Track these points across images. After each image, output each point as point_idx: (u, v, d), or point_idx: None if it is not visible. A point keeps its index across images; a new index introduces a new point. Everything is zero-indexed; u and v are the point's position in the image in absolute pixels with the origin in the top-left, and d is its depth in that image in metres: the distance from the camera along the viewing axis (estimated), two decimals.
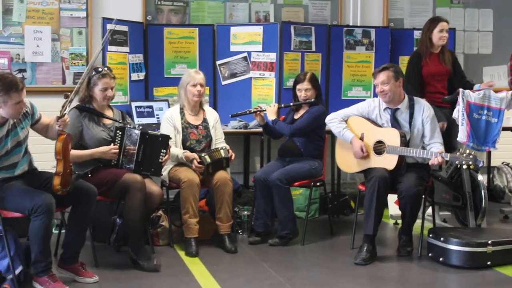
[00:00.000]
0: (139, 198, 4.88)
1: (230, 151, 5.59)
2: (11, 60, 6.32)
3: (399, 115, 5.33)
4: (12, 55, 6.32)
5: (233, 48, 6.86)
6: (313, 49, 6.93)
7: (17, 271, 4.43)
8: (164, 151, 5.12)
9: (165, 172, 5.42)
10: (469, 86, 5.94)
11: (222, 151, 5.52)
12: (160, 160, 5.12)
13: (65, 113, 4.40)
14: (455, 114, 5.45)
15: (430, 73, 6.15)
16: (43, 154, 5.13)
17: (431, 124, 5.29)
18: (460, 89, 5.43)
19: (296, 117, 5.84)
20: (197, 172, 5.42)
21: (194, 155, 5.47)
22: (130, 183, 4.88)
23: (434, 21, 6.26)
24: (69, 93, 4.49)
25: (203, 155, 5.46)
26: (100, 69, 5.09)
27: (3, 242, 4.46)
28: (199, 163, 5.42)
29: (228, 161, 5.57)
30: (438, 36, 6.15)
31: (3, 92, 4.23)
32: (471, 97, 5.39)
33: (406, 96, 5.39)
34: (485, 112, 5.42)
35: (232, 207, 5.59)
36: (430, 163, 5.09)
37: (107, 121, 5.15)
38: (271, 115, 5.79)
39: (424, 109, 5.32)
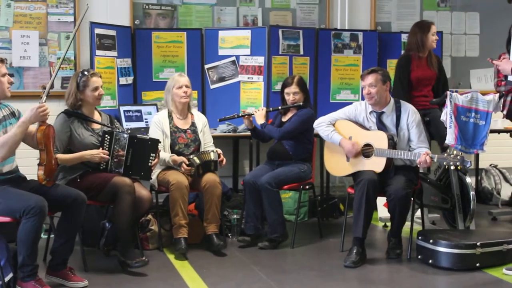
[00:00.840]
0: (129, 201, 4.87)
1: (222, 155, 5.59)
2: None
3: (384, 119, 5.36)
4: None
5: (221, 52, 6.87)
6: (301, 52, 6.94)
7: (7, 278, 4.38)
8: (154, 155, 5.12)
9: (153, 176, 5.41)
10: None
11: (212, 153, 5.53)
12: (149, 164, 5.11)
13: (44, 103, 4.36)
14: (443, 117, 5.46)
15: (418, 77, 6.18)
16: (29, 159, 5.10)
17: (417, 128, 5.31)
18: (448, 92, 5.44)
19: (284, 120, 5.85)
20: (186, 175, 5.42)
21: (182, 158, 5.47)
22: (120, 187, 4.87)
23: (426, 24, 6.28)
24: (45, 84, 4.49)
25: (191, 157, 5.46)
26: (85, 72, 5.08)
27: None
28: (188, 165, 5.42)
29: (217, 165, 5.58)
30: (431, 40, 6.20)
31: None
32: (458, 100, 5.41)
33: (392, 99, 5.41)
34: (473, 114, 5.43)
35: (221, 209, 5.59)
36: (418, 161, 5.10)
37: (95, 126, 5.14)
38: (259, 119, 5.80)
39: (409, 113, 5.34)
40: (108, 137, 5.02)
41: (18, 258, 4.31)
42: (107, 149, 5.00)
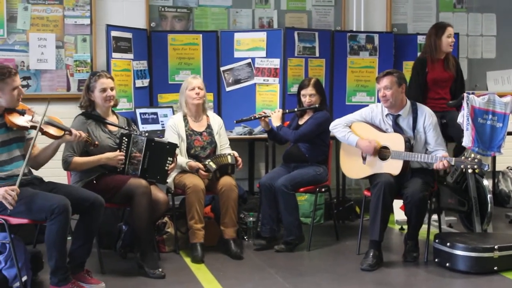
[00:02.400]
0: (145, 203, 4.88)
1: (238, 158, 5.60)
2: (16, 67, 6.33)
3: (401, 121, 5.33)
4: (16, 63, 6.34)
5: (237, 54, 6.87)
6: (317, 54, 6.94)
7: (23, 279, 4.40)
8: (171, 159, 5.12)
9: (170, 179, 5.42)
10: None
11: (229, 157, 5.53)
12: (166, 168, 5.11)
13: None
14: (459, 119, 5.44)
15: (434, 79, 6.14)
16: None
17: (434, 131, 5.29)
18: (465, 94, 5.41)
19: (300, 122, 5.84)
20: (203, 179, 5.43)
21: (198, 164, 5.47)
22: (135, 188, 4.88)
23: (442, 27, 6.23)
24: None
25: (207, 162, 5.46)
26: (96, 73, 5.13)
27: (10, 250, 4.43)
28: (205, 171, 5.42)
29: (234, 168, 5.58)
30: (447, 42, 6.13)
31: None
32: (475, 102, 5.38)
33: (409, 102, 5.38)
34: (490, 116, 5.40)
35: (237, 212, 5.59)
36: (434, 166, 5.08)
37: (112, 128, 5.15)
38: (275, 121, 5.79)
39: (426, 116, 5.31)
40: (126, 139, 5.03)
41: (49, 263, 4.31)
42: (124, 151, 5.01)
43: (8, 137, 4.42)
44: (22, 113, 4.44)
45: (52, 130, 4.50)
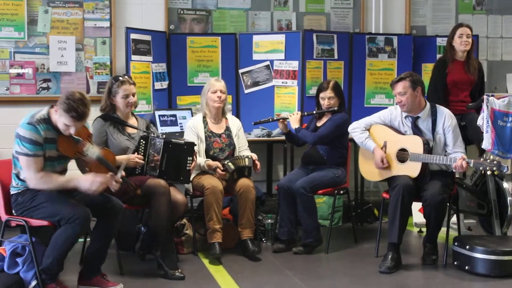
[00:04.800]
0: (165, 201, 4.90)
1: (257, 162, 5.60)
2: (36, 70, 6.39)
3: (420, 123, 5.31)
4: (37, 65, 6.39)
5: (255, 57, 6.89)
6: (336, 57, 6.93)
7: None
8: (190, 158, 5.14)
9: None
10: None
11: (246, 159, 5.54)
12: (187, 168, 5.13)
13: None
14: (479, 121, 5.41)
15: (453, 81, 6.11)
16: None
17: (453, 133, 5.26)
18: (485, 96, 5.39)
19: (318, 124, 5.84)
20: (220, 180, 5.44)
21: (217, 163, 5.49)
22: (154, 187, 4.91)
23: (455, 26, 6.24)
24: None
25: (226, 162, 5.48)
26: (119, 78, 5.14)
27: (29, 252, 4.46)
28: (223, 170, 5.44)
29: (251, 170, 5.58)
30: (459, 42, 6.11)
31: (69, 116, 4.20)
32: (495, 104, 5.36)
33: (428, 104, 5.36)
34: (510, 119, 5.38)
35: (255, 214, 5.59)
36: (454, 165, 5.06)
37: (131, 130, 5.18)
38: (294, 123, 5.79)
39: (445, 118, 5.29)
40: (143, 142, 5.06)
41: (45, 260, 4.31)
42: (142, 153, 5.04)
43: (57, 154, 4.39)
44: (76, 140, 4.41)
45: (96, 169, 4.47)
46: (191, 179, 5.36)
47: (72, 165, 4.63)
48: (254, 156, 5.65)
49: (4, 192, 4.52)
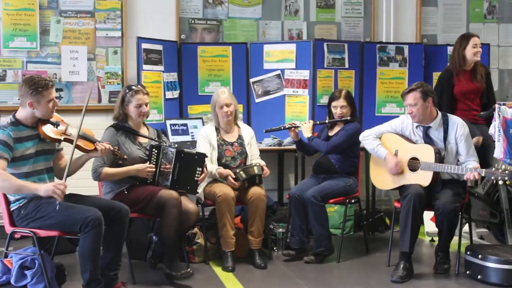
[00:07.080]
0: (175, 214, 4.90)
1: (265, 168, 5.61)
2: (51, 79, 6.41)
3: (431, 133, 5.31)
4: (49, 75, 6.41)
5: (266, 66, 6.89)
6: (346, 66, 6.93)
7: None
8: (200, 169, 5.14)
9: (200, 189, 5.44)
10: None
11: (255, 167, 5.54)
12: (196, 178, 5.14)
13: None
14: (491, 130, 5.39)
15: (461, 91, 6.07)
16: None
17: (465, 142, 5.25)
18: (496, 105, 5.37)
19: (330, 134, 5.84)
20: (231, 187, 5.45)
21: (228, 171, 5.50)
22: (166, 199, 4.91)
23: (466, 37, 6.17)
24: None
25: (237, 171, 5.48)
26: (133, 87, 5.15)
27: (39, 265, 4.46)
28: (234, 179, 5.44)
29: (261, 178, 5.59)
30: (473, 52, 6.06)
31: (35, 91, 4.33)
32: (507, 113, 5.34)
33: (439, 113, 5.35)
34: None
35: (265, 222, 5.59)
36: (465, 177, 5.04)
37: (142, 140, 5.19)
38: (306, 132, 5.80)
39: (458, 127, 5.27)
40: (156, 151, 5.07)
41: (83, 276, 4.33)
42: (154, 163, 5.05)
43: (36, 149, 4.44)
44: (56, 124, 4.49)
45: (84, 144, 4.54)
46: (200, 188, 5.37)
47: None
48: (262, 162, 5.66)
49: (7, 202, 4.49)
